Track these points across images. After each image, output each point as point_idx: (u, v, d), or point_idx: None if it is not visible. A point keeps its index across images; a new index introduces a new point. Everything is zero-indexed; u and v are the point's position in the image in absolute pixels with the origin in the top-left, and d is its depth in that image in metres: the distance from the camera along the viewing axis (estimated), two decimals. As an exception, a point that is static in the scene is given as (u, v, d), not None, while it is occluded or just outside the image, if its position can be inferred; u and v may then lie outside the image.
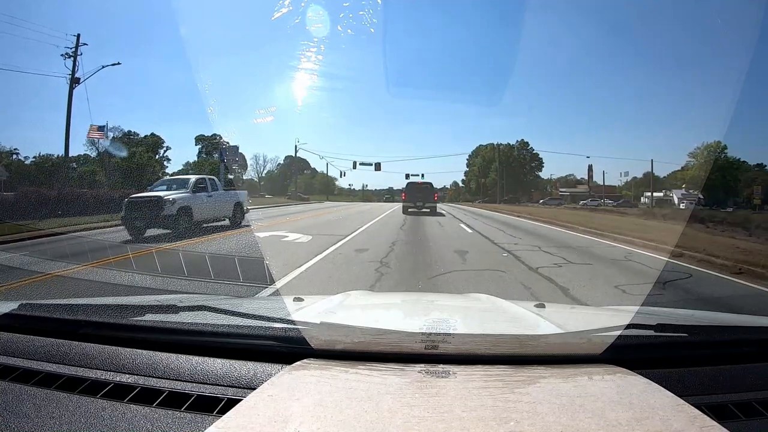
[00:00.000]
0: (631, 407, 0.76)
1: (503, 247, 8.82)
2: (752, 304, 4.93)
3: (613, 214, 23.26)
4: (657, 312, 1.88)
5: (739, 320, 1.77)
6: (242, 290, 4.55)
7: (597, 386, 0.87)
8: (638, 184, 55.28)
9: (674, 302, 4.65)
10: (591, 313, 1.92)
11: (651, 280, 5.91)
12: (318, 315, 1.21)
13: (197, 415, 0.86)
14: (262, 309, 1.42)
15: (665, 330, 1.08)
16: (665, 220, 17.60)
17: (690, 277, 6.19)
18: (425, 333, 0.98)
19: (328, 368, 0.93)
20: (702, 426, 0.70)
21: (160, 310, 1.33)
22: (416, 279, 5.56)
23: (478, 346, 0.98)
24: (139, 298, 2.27)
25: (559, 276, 5.90)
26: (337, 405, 0.75)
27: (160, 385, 0.95)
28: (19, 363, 1.05)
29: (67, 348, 1.09)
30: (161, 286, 4.69)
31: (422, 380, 0.87)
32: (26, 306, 1.24)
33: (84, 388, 0.95)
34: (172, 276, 5.06)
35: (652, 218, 18.95)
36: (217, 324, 1.12)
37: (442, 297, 2.02)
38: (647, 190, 51.95)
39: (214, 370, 0.99)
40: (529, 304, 1.48)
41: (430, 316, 1.21)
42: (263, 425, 0.69)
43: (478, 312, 1.60)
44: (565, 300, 4.64)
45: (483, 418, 0.71)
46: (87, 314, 1.25)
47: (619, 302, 4.49)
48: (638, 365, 0.95)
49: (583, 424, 0.70)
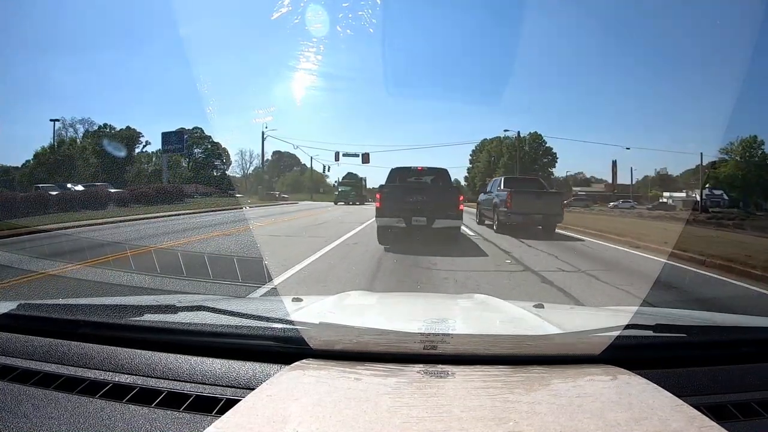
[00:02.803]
0: (630, 407, 0.76)
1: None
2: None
3: (673, 221, 17.87)
4: (656, 312, 1.88)
5: (738, 321, 1.77)
6: (241, 290, 4.53)
7: (596, 386, 0.87)
8: (652, 183, 53.05)
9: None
10: (590, 313, 1.92)
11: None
12: (317, 315, 1.20)
13: (196, 415, 0.86)
14: (261, 309, 1.42)
15: (664, 330, 1.09)
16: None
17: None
18: (424, 333, 0.98)
19: (327, 368, 0.92)
20: (701, 426, 0.70)
21: (159, 310, 1.33)
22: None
23: (477, 346, 0.98)
24: (137, 298, 2.27)
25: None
26: (336, 405, 0.75)
27: (159, 385, 0.95)
28: (17, 363, 1.05)
29: (65, 348, 1.09)
30: (159, 286, 4.68)
31: (421, 380, 0.87)
32: (25, 306, 1.24)
33: (83, 388, 0.95)
34: (170, 276, 5.05)
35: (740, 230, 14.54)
36: (216, 324, 1.12)
37: (441, 297, 2.03)
38: (662, 189, 49.95)
39: (213, 371, 0.99)
40: (528, 305, 1.48)
41: (429, 316, 1.21)
42: (262, 425, 0.69)
43: (477, 312, 1.60)
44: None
45: (482, 418, 0.71)
46: (86, 314, 1.25)
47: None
48: (637, 365, 0.95)
49: (582, 424, 0.70)
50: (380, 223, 8.56)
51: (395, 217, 8.26)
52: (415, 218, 8.18)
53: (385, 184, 9.30)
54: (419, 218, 8.17)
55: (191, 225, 12.48)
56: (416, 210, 8.22)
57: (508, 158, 49.95)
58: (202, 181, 46.54)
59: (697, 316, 1.82)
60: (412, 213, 8.20)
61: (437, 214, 8.22)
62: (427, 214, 8.18)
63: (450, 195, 8.79)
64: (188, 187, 43.26)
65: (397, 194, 8.65)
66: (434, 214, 8.19)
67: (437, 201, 8.45)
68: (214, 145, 51.70)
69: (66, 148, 42.42)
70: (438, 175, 10.28)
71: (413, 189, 8.99)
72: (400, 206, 8.31)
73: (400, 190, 8.93)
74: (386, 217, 8.42)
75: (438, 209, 8.28)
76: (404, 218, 8.18)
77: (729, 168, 43.89)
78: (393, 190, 8.83)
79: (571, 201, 41.56)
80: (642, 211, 31.92)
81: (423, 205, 8.26)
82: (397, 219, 8.24)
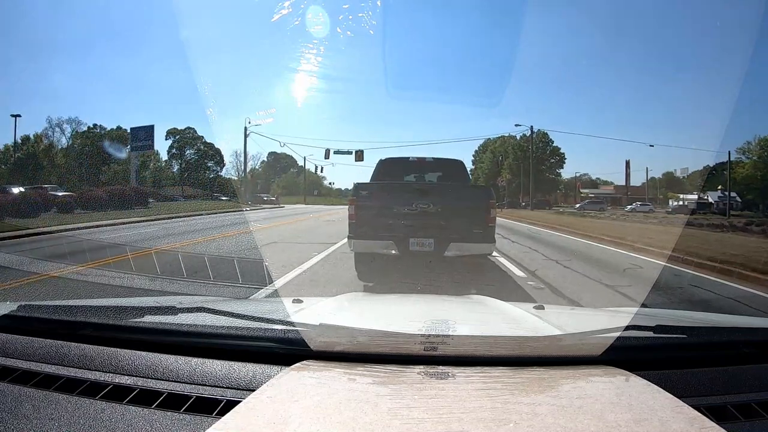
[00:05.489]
0: (630, 409, 0.76)
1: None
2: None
3: (720, 231, 15.60)
4: (656, 313, 1.88)
5: (738, 321, 1.77)
6: (241, 292, 4.52)
7: (596, 388, 0.87)
8: (659, 185, 51.54)
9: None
10: (590, 314, 1.92)
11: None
12: (317, 316, 1.20)
13: (196, 416, 0.86)
14: (261, 310, 1.42)
15: (664, 331, 1.09)
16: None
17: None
18: (424, 335, 0.98)
19: (327, 370, 0.93)
20: (701, 427, 0.70)
21: (159, 311, 1.33)
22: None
23: (477, 347, 0.98)
24: (138, 300, 2.27)
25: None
26: (336, 406, 0.75)
27: (160, 386, 0.95)
28: (18, 364, 1.05)
29: (66, 349, 1.09)
30: (159, 287, 4.68)
31: (421, 382, 0.87)
32: (25, 307, 1.25)
33: (83, 389, 0.95)
34: (170, 277, 5.05)
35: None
36: (216, 325, 1.12)
37: (441, 299, 2.02)
38: (669, 190, 48.39)
39: (213, 372, 0.99)
40: (528, 306, 1.49)
41: (429, 317, 1.21)
42: (262, 427, 0.69)
43: (478, 314, 1.60)
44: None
45: (482, 419, 0.71)
46: (86, 315, 1.25)
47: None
48: (637, 366, 0.95)
49: (582, 425, 0.70)
50: (357, 249, 5.36)
51: (381, 239, 5.08)
52: (414, 240, 5.04)
53: (363, 183, 5.81)
54: (422, 240, 5.04)
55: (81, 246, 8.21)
56: (417, 227, 5.10)
57: (513, 159, 47.23)
58: (192, 182, 45.87)
59: (697, 317, 1.82)
60: (409, 232, 5.07)
61: (452, 233, 5.08)
62: (436, 233, 5.05)
63: (472, 201, 5.34)
64: (173, 189, 42.33)
65: (384, 200, 5.30)
66: (447, 234, 5.06)
67: (451, 211, 5.17)
68: (207, 146, 50.84)
69: (31, 146, 40.86)
70: (450, 170, 6.83)
71: (412, 192, 5.33)
72: (390, 221, 5.15)
73: (389, 193, 5.45)
74: (366, 239, 5.18)
75: (453, 225, 5.14)
76: (396, 241, 5.03)
77: (747, 168, 41.30)
78: (378, 194, 5.43)
79: (584, 204, 39.68)
80: (666, 216, 29.97)
81: (428, 219, 5.09)
82: (384, 242, 5.07)
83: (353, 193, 5.45)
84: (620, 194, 48.46)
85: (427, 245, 5.06)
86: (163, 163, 50.11)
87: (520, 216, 22.79)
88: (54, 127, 43.90)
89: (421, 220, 5.13)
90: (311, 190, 55.92)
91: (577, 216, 26.36)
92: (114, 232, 11.88)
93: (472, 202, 5.34)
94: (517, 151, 47.51)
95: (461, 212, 5.25)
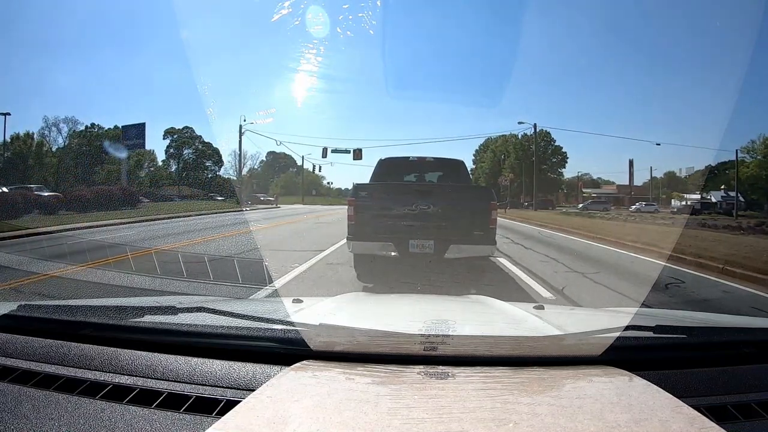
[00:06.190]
0: (630, 409, 0.76)
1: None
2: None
3: (739, 233, 14.62)
4: (656, 313, 1.88)
5: (738, 321, 1.77)
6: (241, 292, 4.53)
7: (596, 388, 0.87)
8: (661, 184, 50.99)
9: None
10: (590, 314, 1.92)
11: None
12: (317, 316, 1.20)
13: (196, 416, 0.86)
14: (261, 310, 1.42)
15: (664, 331, 1.09)
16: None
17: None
18: (424, 335, 0.98)
19: (327, 370, 0.93)
20: (701, 427, 0.70)
21: (159, 311, 1.33)
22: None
23: (477, 347, 0.98)
24: (138, 300, 2.27)
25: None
26: (336, 406, 0.75)
27: (159, 386, 0.95)
28: (17, 364, 1.05)
29: (66, 349, 1.09)
30: (160, 287, 4.68)
31: (421, 382, 0.87)
32: (25, 307, 1.25)
33: (83, 389, 0.95)
34: (171, 277, 5.05)
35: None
36: (216, 325, 1.12)
37: (441, 298, 2.02)
38: (671, 190, 47.80)
39: (213, 372, 0.99)
40: (528, 306, 1.49)
41: (429, 317, 1.21)
42: (262, 426, 0.69)
43: (478, 314, 1.60)
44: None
45: (482, 419, 0.71)
46: (86, 315, 1.25)
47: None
48: (637, 367, 0.95)
49: (582, 425, 0.70)
50: (356, 250, 5.42)
51: (381, 240, 5.15)
52: (414, 242, 5.09)
53: (362, 184, 5.85)
54: (422, 242, 5.09)
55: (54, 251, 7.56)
56: (417, 228, 5.16)
57: (515, 158, 46.54)
58: (189, 182, 45.50)
59: (697, 317, 1.82)
60: (409, 233, 5.12)
61: (453, 234, 5.14)
62: (436, 234, 5.11)
63: (473, 202, 5.40)
64: (170, 189, 41.98)
65: (383, 201, 5.39)
66: (448, 235, 5.11)
67: (452, 212, 5.25)
68: (206, 145, 50.61)
69: (20, 144, 40.18)
70: (451, 170, 6.98)
71: (412, 192, 5.46)
72: (390, 222, 5.24)
73: (389, 193, 5.55)
74: (365, 240, 5.24)
75: (454, 227, 5.21)
76: (396, 242, 5.10)
77: (751, 168, 40.22)
78: (377, 194, 5.53)
79: (587, 204, 39.03)
80: (673, 216, 28.92)
81: (428, 220, 5.17)
82: (382, 244, 5.14)
83: (352, 193, 5.47)
84: (623, 194, 48.12)
85: (427, 247, 5.11)
86: (161, 163, 50.14)
87: (524, 217, 21.95)
88: (50, 126, 43.79)
89: (421, 221, 5.17)
90: (310, 189, 55.53)
91: (585, 217, 25.37)
92: (76, 238, 9.70)
93: (473, 203, 5.37)
94: (518, 150, 46.99)
95: (462, 213, 5.29)
